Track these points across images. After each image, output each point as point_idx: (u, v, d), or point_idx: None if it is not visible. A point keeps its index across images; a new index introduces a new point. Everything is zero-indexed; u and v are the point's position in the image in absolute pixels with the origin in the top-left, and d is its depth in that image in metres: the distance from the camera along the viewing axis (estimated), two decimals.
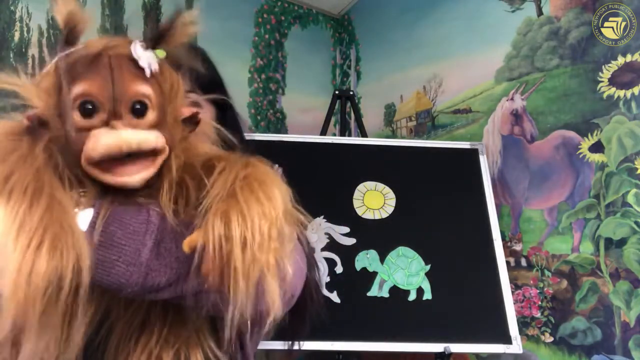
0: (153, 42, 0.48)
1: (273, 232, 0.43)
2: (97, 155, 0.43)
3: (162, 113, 0.48)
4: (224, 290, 0.41)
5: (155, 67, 0.47)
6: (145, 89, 0.46)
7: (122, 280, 0.42)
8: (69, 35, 0.44)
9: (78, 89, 0.44)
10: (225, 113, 0.76)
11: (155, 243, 0.43)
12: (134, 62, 0.46)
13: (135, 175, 0.45)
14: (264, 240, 0.42)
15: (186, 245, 0.42)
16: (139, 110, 0.46)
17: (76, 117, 0.44)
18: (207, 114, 0.70)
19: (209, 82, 0.71)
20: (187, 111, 0.52)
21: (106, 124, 0.44)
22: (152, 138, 0.45)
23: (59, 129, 0.44)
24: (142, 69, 0.46)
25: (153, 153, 0.46)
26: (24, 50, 1.61)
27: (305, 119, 2.33)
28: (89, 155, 0.43)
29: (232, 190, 0.44)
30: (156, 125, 0.47)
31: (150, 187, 0.47)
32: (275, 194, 0.45)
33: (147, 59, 0.46)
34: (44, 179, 0.40)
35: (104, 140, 0.43)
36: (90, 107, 0.44)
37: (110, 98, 0.44)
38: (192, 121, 0.53)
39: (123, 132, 0.44)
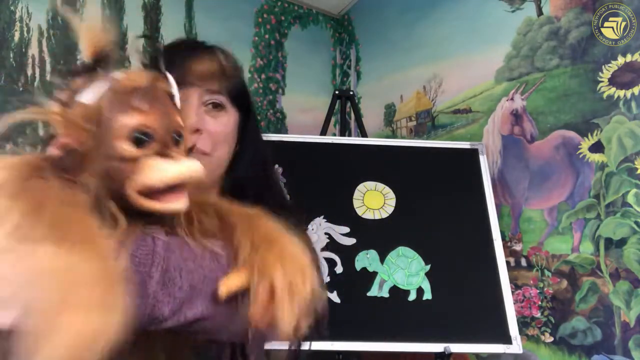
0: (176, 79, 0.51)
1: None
2: (161, 184, 0.44)
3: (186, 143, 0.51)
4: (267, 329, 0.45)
5: (178, 99, 0.50)
6: (180, 120, 0.49)
7: (149, 313, 0.42)
8: (101, 63, 0.45)
9: (131, 119, 0.44)
10: (247, 121, 0.78)
11: (162, 274, 0.43)
12: (170, 94, 0.49)
13: (180, 201, 0.46)
14: (307, 287, 0.47)
15: (224, 289, 0.45)
16: (178, 141, 0.48)
17: (127, 146, 0.44)
18: (231, 118, 0.73)
19: (235, 88, 0.73)
20: (189, 142, 0.55)
21: (157, 154, 0.45)
22: (200, 168, 0.47)
23: (96, 160, 0.44)
24: (174, 101, 0.49)
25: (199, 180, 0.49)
26: (24, 50, 1.61)
27: (305, 119, 2.33)
28: (147, 184, 0.43)
29: (270, 242, 0.49)
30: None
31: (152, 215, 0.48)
32: (298, 249, 0.50)
33: (176, 91, 0.50)
34: (87, 222, 0.39)
35: (170, 170, 0.44)
36: (145, 137, 0.44)
37: (165, 129, 0.46)
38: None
39: (186, 162, 0.46)
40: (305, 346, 0.60)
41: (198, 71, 0.69)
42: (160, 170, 0.44)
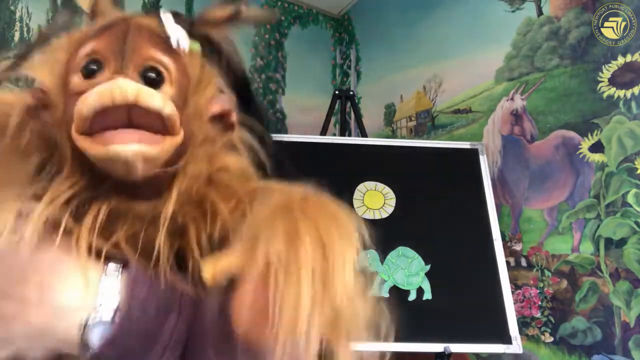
0: (185, 21, 0.40)
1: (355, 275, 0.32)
2: (86, 110, 0.33)
3: (183, 95, 0.38)
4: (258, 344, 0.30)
5: (185, 45, 0.39)
6: (164, 58, 0.37)
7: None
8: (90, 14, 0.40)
9: (85, 49, 0.36)
10: (249, 105, 0.70)
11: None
12: (161, 35, 0.39)
13: (130, 144, 0.34)
14: (347, 284, 0.31)
15: (209, 274, 0.33)
16: (152, 78, 0.37)
17: (77, 78, 0.36)
18: (228, 102, 0.66)
19: (234, 74, 0.67)
20: (217, 107, 0.42)
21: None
22: (158, 98, 0.35)
23: (59, 104, 0.37)
24: (167, 42, 0.38)
25: (162, 127, 0.36)
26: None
27: (305, 119, 2.33)
28: (78, 114, 0.34)
29: (293, 209, 0.34)
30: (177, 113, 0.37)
31: (160, 196, 0.38)
32: (351, 224, 0.35)
33: (177, 32, 0.39)
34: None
35: (96, 92, 0.33)
36: (94, 66, 0.36)
37: (118, 53, 0.36)
38: (224, 122, 0.42)
39: (121, 79, 0.34)
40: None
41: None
42: (86, 95, 0.34)
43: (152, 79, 0.37)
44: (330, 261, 0.31)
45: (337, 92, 1.82)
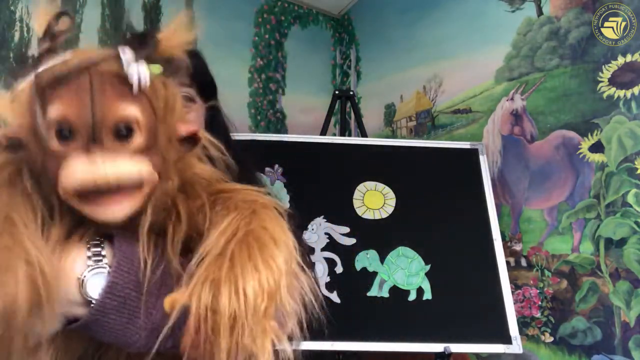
0: (145, 50, 0.42)
1: (270, 309, 0.39)
2: (71, 188, 0.38)
3: (153, 135, 0.42)
4: None
5: (146, 81, 0.41)
6: (130, 111, 0.40)
7: (132, 342, 0.41)
8: (49, 46, 0.40)
9: (54, 111, 0.39)
10: (214, 114, 0.77)
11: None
12: (121, 77, 0.41)
13: (117, 210, 0.40)
14: (258, 319, 0.38)
15: (168, 304, 0.39)
16: (123, 134, 0.40)
17: (53, 141, 0.39)
18: (198, 112, 0.71)
19: (203, 82, 0.72)
20: (184, 129, 0.46)
21: (85, 150, 0.39)
22: (134, 170, 0.40)
23: (34, 152, 0.40)
24: (129, 85, 0.41)
25: (141, 183, 0.41)
26: (24, 50, 1.61)
27: (305, 119, 2.33)
28: (63, 187, 0.39)
29: (228, 251, 0.40)
30: (144, 150, 0.42)
31: (137, 216, 0.43)
32: (277, 259, 0.41)
33: (138, 72, 0.41)
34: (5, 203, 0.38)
35: (78, 172, 0.38)
36: (67, 132, 0.39)
37: (88, 123, 0.39)
38: (191, 140, 0.47)
39: (101, 164, 0.38)
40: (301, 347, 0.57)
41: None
42: (72, 172, 0.38)
43: (123, 135, 0.40)
44: (247, 307, 0.38)
45: (337, 92, 1.82)
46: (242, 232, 0.41)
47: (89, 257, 0.41)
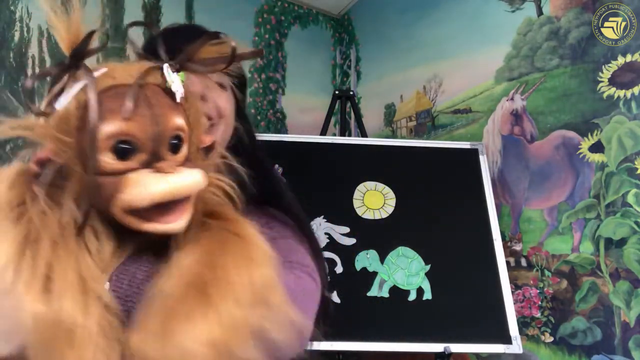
0: (179, 64, 0.42)
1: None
2: (146, 203, 0.38)
3: (190, 144, 0.43)
4: None
5: (182, 92, 0.42)
6: (180, 122, 0.41)
7: None
8: (77, 58, 0.38)
9: (111, 127, 0.37)
10: (241, 110, 0.75)
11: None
12: (164, 89, 0.41)
13: (179, 221, 0.40)
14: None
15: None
16: (176, 145, 0.41)
17: (108, 159, 0.38)
18: (231, 100, 0.70)
19: (237, 74, 0.70)
20: (207, 139, 0.47)
21: (145, 165, 0.39)
22: (201, 180, 0.41)
23: (79, 175, 0.38)
24: (172, 97, 0.41)
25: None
26: (23, 50, 1.61)
27: (305, 119, 2.33)
28: (131, 204, 0.38)
29: (178, 296, 0.37)
30: (186, 160, 0.42)
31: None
32: (229, 311, 0.37)
33: (179, 86, 0.41)
34: (76, 267, 0.37)
35: (154, 187, 0.38)
36: (128, 147, 0.38)
37: (152, 136, 0.39)
38: (208, 149, 0.48)
39: (171, 177, 0.39)
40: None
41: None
42: (145, 187, 0.38)
43: (176, 145, 0.41)
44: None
45: (337, 92, 1.82)
46: (200, 276, 0.38)
47: None
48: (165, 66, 0.41)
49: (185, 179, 0.40)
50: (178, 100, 0.41)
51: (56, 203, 0.39)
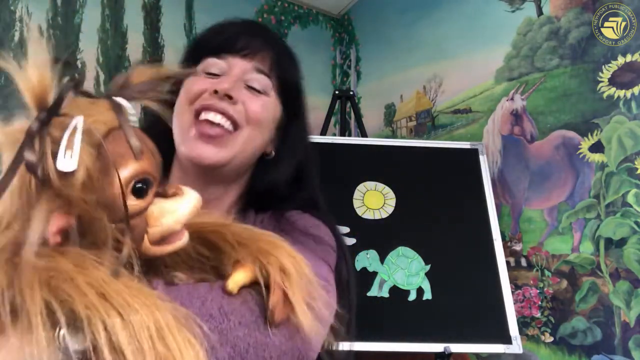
0: (111, 94, 0.41)
1: None
2: (179, 226, 0.40)
3: None
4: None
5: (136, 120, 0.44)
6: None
7: None
8: (54, 111, 0.35)
9: (128, 171, 0.37)
10: (292, 126, 0.70)
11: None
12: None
13: (185, 235, 0.43)
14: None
15: (232, 283, 0.42)
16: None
17: (131, 202, 0.38)
18: (271, 106, 0.65)
19: (286, 80, 0.67)
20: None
21: (156, 195, 0.40)
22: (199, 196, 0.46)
23: (103, 225, 0.37)
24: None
25: None
26: (23, 50, 1.61)
27: None
28: (165, 233, 0.39)
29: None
30: None
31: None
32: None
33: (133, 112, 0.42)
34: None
35: (183, 209, 0.40)
36: (144, 185, 0.38)
37: (159, 169, 0.40)
38: None
39: (186, 196, 0.41)
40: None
41: (251, 43, 0.64)
42: (175, 213, 0.40)
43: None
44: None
45: (337, 92, 1.82)
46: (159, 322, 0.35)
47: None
48: (124, 102, 0.41)
49: (193, 193, 0.42)
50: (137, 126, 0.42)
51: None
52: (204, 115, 0.59)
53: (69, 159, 0.34)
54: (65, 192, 0.35)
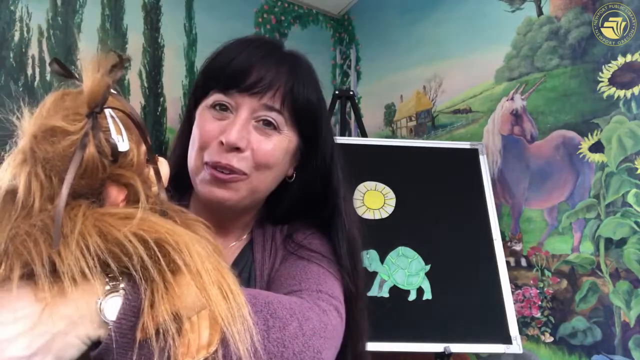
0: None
1: None
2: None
3: None
4: None
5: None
6: None
7: None
8: (102, 104, 0.43)
9: (142, 145, 0.47)
10: (312, 150, 0.68)
11: None
12: None
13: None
14: None
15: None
16: None
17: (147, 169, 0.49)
18: (284, 142, 0.63)
19: (300, 109, 0.64)
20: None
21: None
22: None
23: (139, 189, 0.46)
24: None
25: None
26: (24, 50, 1.61)
27: None
28: (167, 178, 0.52)
29: None
30: None
31: None
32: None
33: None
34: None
35: (163, 160, 0.52)
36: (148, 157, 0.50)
37: None
38: None
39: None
40: None
41: (260, 78, 0.61)
42: (163, 165, 0.51)
43: None
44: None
45: (337, 92, 1.82)
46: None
47: (107, 283, 0.41)
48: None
49: (164, 161, 0.52)
50: None
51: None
52: (212, 171, 0.61)
53: (121, 141, 0.43)
54: (124, 166, 0.44)
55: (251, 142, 0.61)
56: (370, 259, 1.33)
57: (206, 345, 0.39)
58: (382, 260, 1.33)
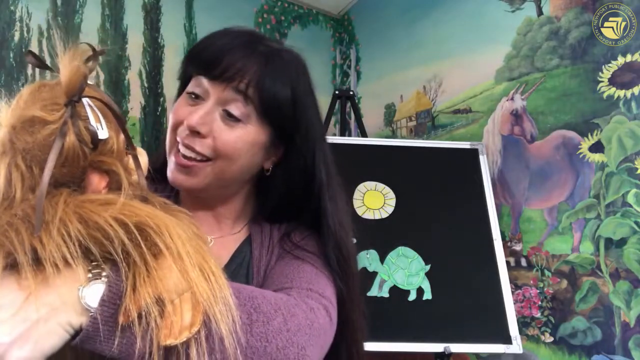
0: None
1: None
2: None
3: None
4: None
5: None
6: None
7: (132, 352, 0.40)
8: (79, 94, 0.44)
9: (121, 133, 0.48)
10: (290, 145, 0.67)
11: None
12: None
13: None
14: None
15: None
16: None
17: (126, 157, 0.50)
18: (250, 134, 0.63)
19: (270, 101, 0.62)
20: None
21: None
22: None
23: (121, 175, 0.48)
24: None
25: None
26: (23, 50, 1.61)
27: None
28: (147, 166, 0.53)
29: None
30: None
31: None
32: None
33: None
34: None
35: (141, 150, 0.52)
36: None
37: None
38: None
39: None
40: None
41: (231, 65, 0.60)
42: (142, 154, 0.51)
43: None
44: None
45: (337, 92, 1.82)
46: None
47: (90, 271, 0.41)
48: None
49: (143, 151, 0.51)
50: None
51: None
52: (179, 147, 0.63)
53: (100, 129, 0.44)
54: (104, 154, 0.45)
55: (213, 129, 0.61)
56: (370, 259, 1.33)
57: (189, 326, 0.39)
58: (382, 260, 1.33)
